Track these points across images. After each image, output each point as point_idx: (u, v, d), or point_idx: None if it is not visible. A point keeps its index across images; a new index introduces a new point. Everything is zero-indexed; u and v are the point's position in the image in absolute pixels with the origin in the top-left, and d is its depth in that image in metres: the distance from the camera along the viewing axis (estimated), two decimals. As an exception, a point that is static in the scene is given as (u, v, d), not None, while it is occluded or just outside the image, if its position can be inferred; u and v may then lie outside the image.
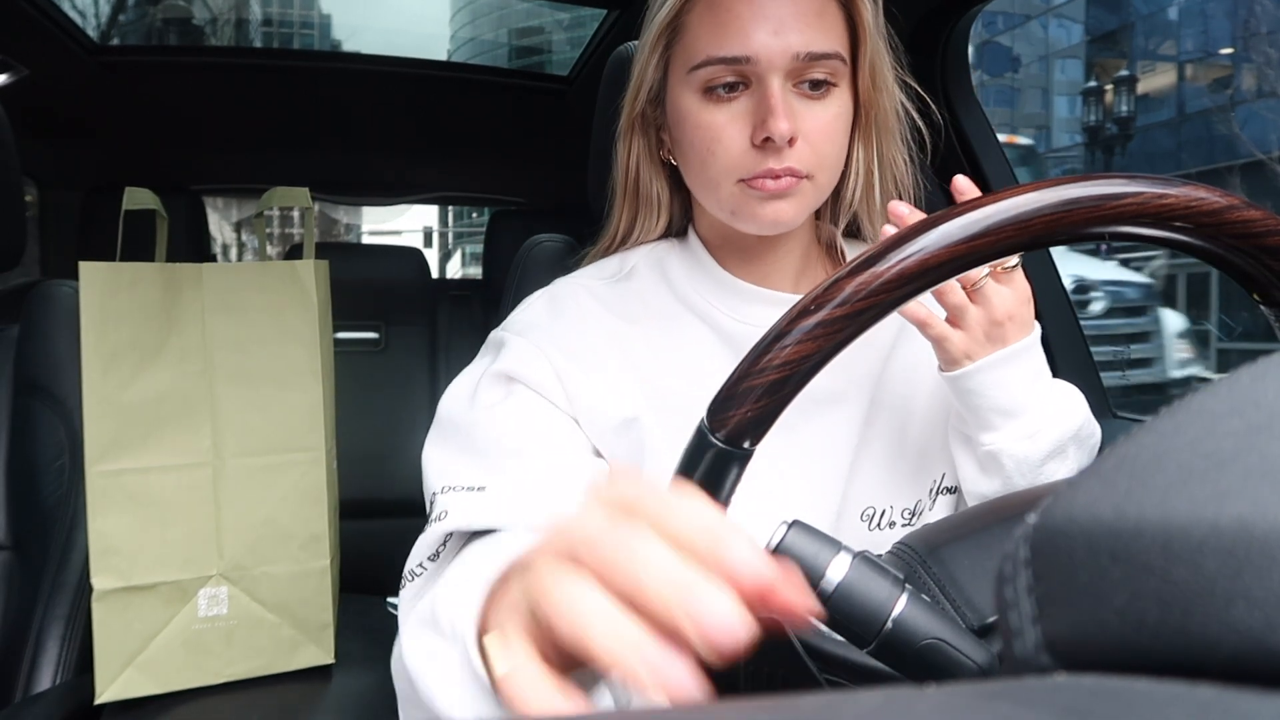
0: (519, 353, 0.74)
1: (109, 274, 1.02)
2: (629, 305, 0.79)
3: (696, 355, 0.76)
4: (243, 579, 1.07)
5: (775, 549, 0.41)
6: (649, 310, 0.79)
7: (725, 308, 0.77)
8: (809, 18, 0.69)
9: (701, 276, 0.79)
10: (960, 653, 0.38)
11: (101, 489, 1.02)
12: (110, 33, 2.94)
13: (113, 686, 1.02)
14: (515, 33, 13.44)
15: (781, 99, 0.68)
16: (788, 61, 0.68)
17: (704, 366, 0.75)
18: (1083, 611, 0.19)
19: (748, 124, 0.69)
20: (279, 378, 1.08)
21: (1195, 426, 0.20)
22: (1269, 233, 0.41)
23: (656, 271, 0.81)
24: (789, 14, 0.68)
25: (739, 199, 0.71)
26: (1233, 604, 0.16)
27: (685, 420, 0.72)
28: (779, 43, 0.68)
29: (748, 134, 0.69)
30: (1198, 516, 0.18)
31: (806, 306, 0.41)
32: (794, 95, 0.70)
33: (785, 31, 0.68)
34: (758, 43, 0.68)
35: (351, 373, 1.60)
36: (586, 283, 0.81)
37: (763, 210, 0.71)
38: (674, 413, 0.73)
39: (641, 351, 0.76)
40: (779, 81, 0.68)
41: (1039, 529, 0.22)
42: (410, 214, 15.46)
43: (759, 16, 0.68)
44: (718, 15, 0.70)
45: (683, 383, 0.75)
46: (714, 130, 0.70)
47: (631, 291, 0.80)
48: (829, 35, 0.70)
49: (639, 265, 0.82)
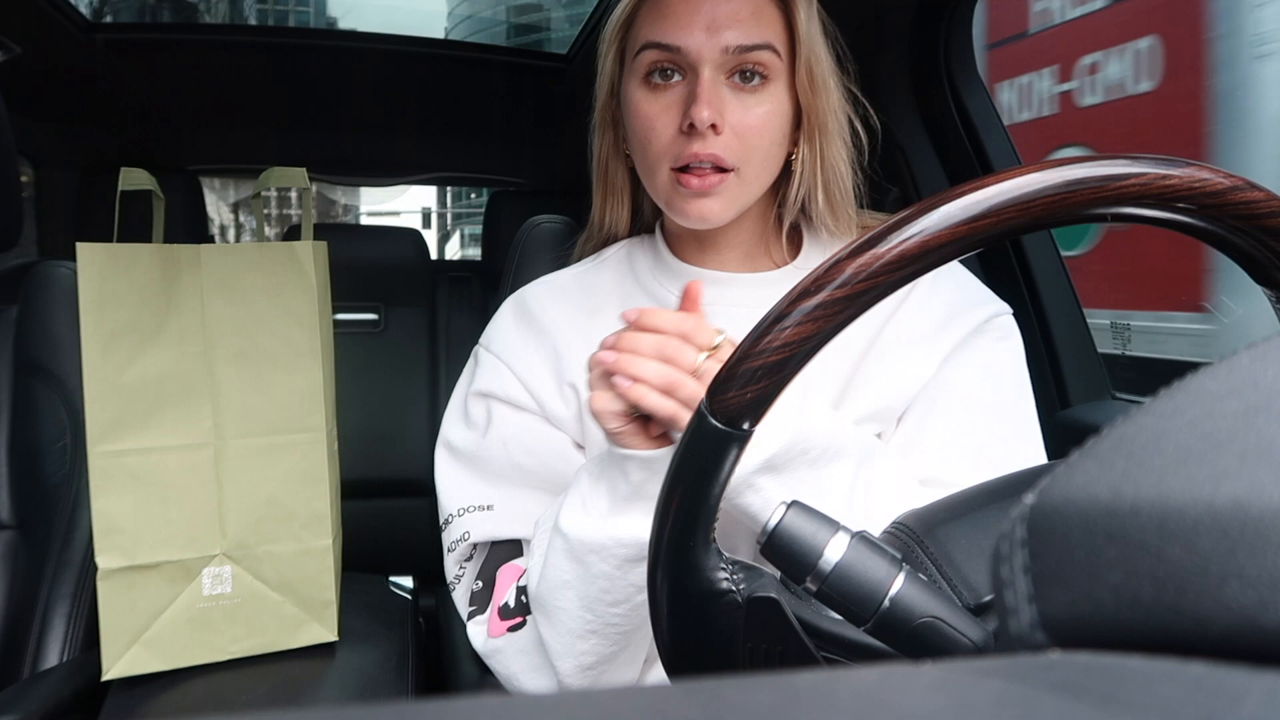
0: (488, 369, 0.84)
1: (106, 255, 1.02)
2: (593, 297, 0.85)
3: None
4: (246, 558, 1.08)
5: (774, 528, 0.41)
6: (612, 300, 0.84)
7: (677, 290, 0.82)
8: (743, 15, 0.73)
9: (659, 264, 0.84)
10: (956, 631, 0.39)
11: (103, 469, 1.02)
12: (104, 8, 2.92)
13: (119, 663, 1.02)
14: (514, 9, 13.31)
15: (710, 89, 0.72)
16: (717, 54, 0.73)
17: None
18: (1078, 590, 0.20)
19: (679, 111, 0.74)
20: (279, 359, 1.09)
21: (1193, 408, 0.20)
22: (1271, 213, 0.41)
23: (626, 264, 0.86)
24: (724, 12, 0.73)
25: (671, 190, 0.76)
26: (1226, 583, 0.17)
27: None
28: (710, 36, 0.73)
29: (678, 121, 0.74)
30: (1194, 497, 0.18)
31: (807, 288, 0.41)
32: (727, 87, 0.74)
33: (718, 26, 0.73)
34: (691, 37, 0.73)
35: (351, 354, 1.60)
36: (556, 280, 0.88)
37: (689, 206, 0.75)
38: None
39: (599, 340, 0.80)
40: (709, 72, 0.73)
41: (1036, 509, 0.22)
42: (409, 195, 15.39)
43: (694, 11, 0.73)
44: (659, 10, 0.75)
45: None
46: (650, 118, 0.75)
47: (599, 282, 0.86)
48: (762, 31, 0.74)
49: (611, 258, 0.88)
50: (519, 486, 0.81)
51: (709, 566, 0.45)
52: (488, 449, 0.81)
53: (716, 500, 0.44)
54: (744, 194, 0.76)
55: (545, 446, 0.80)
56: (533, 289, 0.87)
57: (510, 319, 0.86)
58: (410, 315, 2.10)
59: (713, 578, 0.46)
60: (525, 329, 0.84)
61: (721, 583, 0.46)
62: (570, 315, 0.83)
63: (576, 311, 0.84)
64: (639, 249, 0.87)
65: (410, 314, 2.10)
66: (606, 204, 0.87)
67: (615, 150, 0.84)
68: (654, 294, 0.83)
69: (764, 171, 0.76)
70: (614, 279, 0.86)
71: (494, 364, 0.83)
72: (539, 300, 0.85)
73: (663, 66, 0.74)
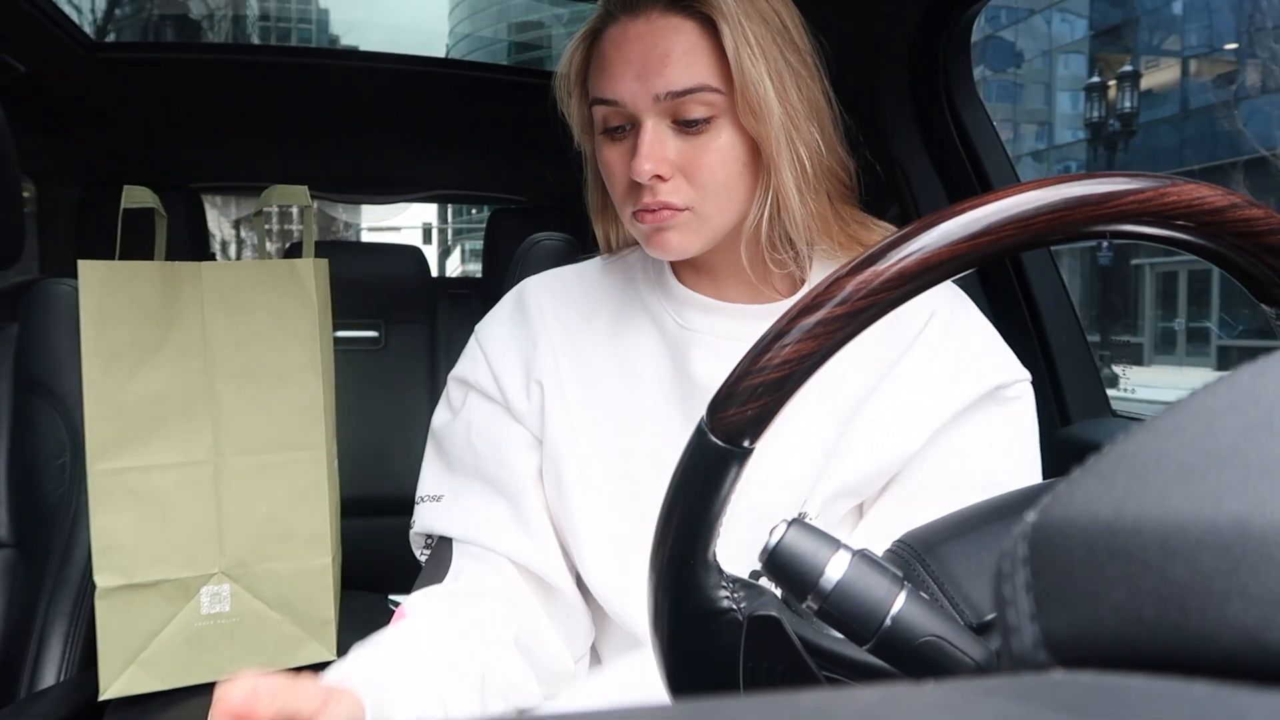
0: (469, 356, 0.85)
1: (108, 272, 1.02)
2: (591, 301, 0.85)
3: (637, 353, 0.81)
4: (245, 576, 1.07)
5: (775, 546, 0.41)
6: (609, 308, 0.84)
7: (671, 311, 0.81)
8: (673, 57, 0.72)
9: (661, 284, 0.84)
10: (959, 650, 0.39)
11: (103, 487, 1.02)
12: (107, 28, 2.94)
13: (116, 683, 1.02)
14: (514, 28, 13.41)
15: (651, 140, 0.72)
16: (650, 103, 0.72)
17: (640, 365, 0.81)
18: (1080, 609, 0.19)
19: (628, 162, 0.73)
20: (279, 376, 1.09)
21: (1195, 424, 0.20)
22: (1271, 231, 0.41)
23: (630, 274, 0.86)
24: (653, 56, 0.72)
25: (635, 227, 0.76)
26: (1229, 601, 0.17)
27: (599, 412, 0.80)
28: (642, 85, 0.72)
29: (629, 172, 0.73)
30: (1196, 514, 0.18)
31: (807, 305, 0.41)
32: (673, 131, 0.73)
33: (647, 74, 0.72)
34: (624, 86, 0.72)
35: (351, 371, 1.60)
36: (564, 275, 0.88)
37: (652, 239, 0.75)
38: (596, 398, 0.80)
39: (585, 345, 0.82)
40: (652, 122, 0.72)
41: (1037, 527, 0.22)
42: (410, 211, 15.46)
43: (624, 61, 0.73)
44: (599, 62, 0.76)
45: (616, 376, 0.81)
46: (609, 166, 0.76)
47: (605, 285, 0.86)
48: (694, 71, 0.72)
49: (628, 261, 0.87)
50: (469, 477, 0.81)
51: (709, 585, 0.45)
52: (454, 431, 0.83)
53: (717, 518, 0.44)
54: (705, 228, 0.75)
55: (503, 437, 0.80)
56: (535, 282, 0.87)
57: (506, 310, 0.87)
58: (411, 332, 2.10)
59: (713, 596, 0.45)
60: (515, 321, 0.85)
61: (722, 601, 0.45)
62: (562, 314, 0.84)
63: (571, 311, 0.84)
64: (646, 262, 0.86)
65: (411, 331, 2.10)
66: (603, 228, 0.88)
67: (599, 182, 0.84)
68: (651, 311, 0.83)
69: (726, 205, 0.75)
70: (619, 285, 0.86)
71: (475, 351, 0.85)
72: (536, 295, 0.85)
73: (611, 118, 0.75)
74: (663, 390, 0.79)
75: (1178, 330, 16.93)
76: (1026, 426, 0.77)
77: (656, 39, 0.72)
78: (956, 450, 0.74)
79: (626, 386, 0.80)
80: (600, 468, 0.79)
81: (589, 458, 0.79)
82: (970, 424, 0.74)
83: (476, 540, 0.78)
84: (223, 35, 6.47)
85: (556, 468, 0.78)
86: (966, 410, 0.74)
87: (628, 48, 0.73)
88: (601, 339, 0.83)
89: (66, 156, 2.08)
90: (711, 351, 0.78)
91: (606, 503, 0.78)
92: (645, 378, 0.80)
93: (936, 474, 0.73)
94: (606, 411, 0.80)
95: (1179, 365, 16.08)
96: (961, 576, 0.44)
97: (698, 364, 0.78)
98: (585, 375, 0.81)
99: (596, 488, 0.78)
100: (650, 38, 0.72)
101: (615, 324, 0.83)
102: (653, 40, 0.72)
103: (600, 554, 0.77)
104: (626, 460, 0.79)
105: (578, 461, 0.78)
